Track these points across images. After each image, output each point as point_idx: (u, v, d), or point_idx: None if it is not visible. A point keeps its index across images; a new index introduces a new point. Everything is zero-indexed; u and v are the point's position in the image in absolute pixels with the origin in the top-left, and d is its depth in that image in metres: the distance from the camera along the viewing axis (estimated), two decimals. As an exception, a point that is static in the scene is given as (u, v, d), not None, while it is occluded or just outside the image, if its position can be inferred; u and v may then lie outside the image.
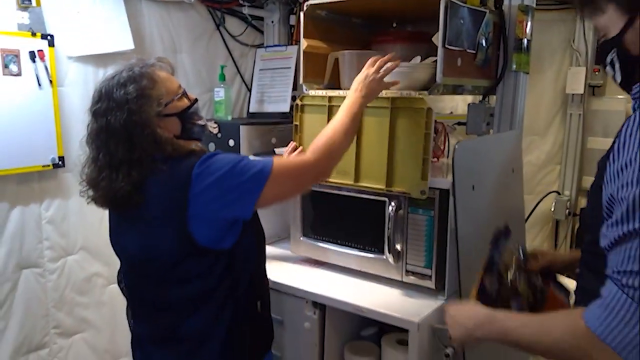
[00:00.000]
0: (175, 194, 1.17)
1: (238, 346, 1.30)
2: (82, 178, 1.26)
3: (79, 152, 1.82)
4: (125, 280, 1.36)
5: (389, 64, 1.37)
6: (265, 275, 1.44)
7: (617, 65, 0.96)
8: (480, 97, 1.72)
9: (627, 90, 0.97)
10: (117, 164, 1.18)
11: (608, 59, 0.97)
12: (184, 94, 1.30)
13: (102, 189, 1.21)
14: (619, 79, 0.97)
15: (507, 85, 1.70)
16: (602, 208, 0.87)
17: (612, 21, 0.93)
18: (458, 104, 2.51)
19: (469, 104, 1.69)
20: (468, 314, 1.05)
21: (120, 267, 1.37)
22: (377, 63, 1.37)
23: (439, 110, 2.43)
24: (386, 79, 1.38)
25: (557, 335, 0.86)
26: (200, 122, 1.33)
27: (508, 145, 1.64)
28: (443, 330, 1.37)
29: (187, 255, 1.22)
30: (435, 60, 1.43)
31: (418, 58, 1.46)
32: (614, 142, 0.86)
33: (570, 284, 1.28)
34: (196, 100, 1.33)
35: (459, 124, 1.82)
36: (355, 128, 1.34)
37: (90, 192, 1.25)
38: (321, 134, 1.30)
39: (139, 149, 1.18)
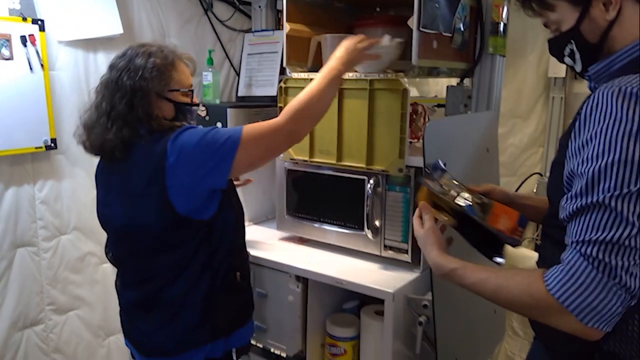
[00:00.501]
0: (153, 165, 1.25)
1: (216, 313, 1.37)
2: (80, 122, 1.37)
3: (70, 134, 1.91)
4: (112, 250, 1.44)
5: (372, 40, 1.43)
6: (245, 249, 1.51)
7: (577, 56, 1.00)
8: (459, 80, 1.77)
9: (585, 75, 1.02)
10: (114, 116, 1.30)
11: (566, 51, 1.01)
12: (191, 93, 1.41)
13: (94, 134, 1.31)
14: (579, 68, 1.01)
15: (483, 67, 1.76)
16: (562, 183, 0.93)
17: (564, 15, 0.98)
18: (443, 88, 2.55)
19: (447, 86, 1.75)
20: (429, 260, 1.06)
21: (107, 238, 1.44)
22: (362, 38, 1.42)
23: (423, 94, 2.49)
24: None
25: (516, 293, 0.90)
26: (192, 122, 1.42)
27: (482, 125, 1.70)
28: (417, 299, 1.45)
29: (169, 225, 1.29)
30: (403, 41, 1.49)
31: (387, 37, 1.47)
32: (574, 121, 0.91)
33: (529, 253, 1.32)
34: (197, 104, 1.44)
35: (439, 106, 1.88)
36: (332, 93, 1.37)
37: (83, 136, 1.36)
38: (296, 97, 1.33)
39: (136, 111, 1.29)
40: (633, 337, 0.90)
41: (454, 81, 1.84)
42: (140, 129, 1.31)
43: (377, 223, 1.59)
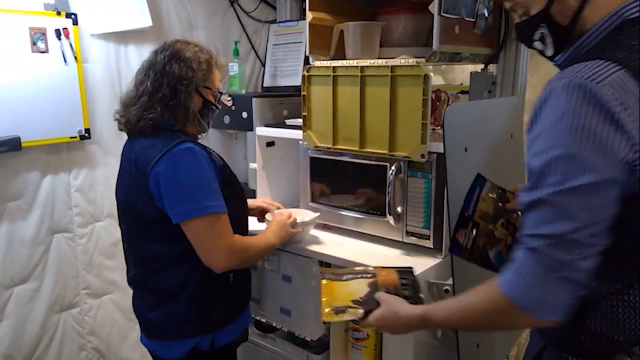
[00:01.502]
0: (145, 164, 1.33)
1: (205, 310, 1.42)
2: (120, 100, 1.45)
3: (103, 125, 1.98)
4: (121, 227, 1.52)
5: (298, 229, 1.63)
6: None
7: (548, 40, 0.97)
8: (482, 66, 1.76)
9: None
10: (157, 99, 1.37)
11: (536, 36, 0.98)
12: (219, 95, 1.50)
13: (132, 111, 1.38)
14: (550, 52, 0.98)
15: (508, 53, 1.74)
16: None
17: None
18: (468, 76, 2.53)
19: (470, 72, 1.74)
20: (400, 322, 1.08)
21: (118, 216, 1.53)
22: (291, 219, 1.61)
23: (449, 82, 2.47)
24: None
25: (480, 311, 0.92)
26: (209, 121, 1.52)
27: (506, 111, 1.69)
28: (438, 284, 1.45)
29: (155, 218, 1.35)
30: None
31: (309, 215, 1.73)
32: (530, 114, 0.89)
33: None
34: (219, 107, 1.53)
35: (463, 92, 1.87)
36: (265, 255, 1.61)
37: (120, 112, 1.43)
38: (250, 245, 1.44)
39: (177, 99, 1.38)
40: (617, 318, 0.89)
41: (478, 68, 1.83)
42: (172, 118, 1.38)
43: (399, 209, 1.60)
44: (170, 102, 1.37)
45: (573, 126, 0.80)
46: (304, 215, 1.73)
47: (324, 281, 1.29)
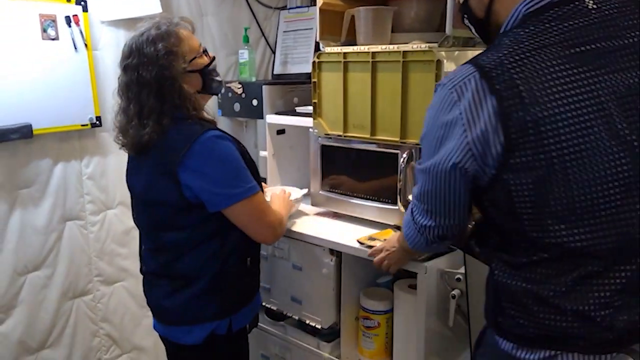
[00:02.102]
0: (173, 156, 1.29)
1: (223, 294, 1.42)
2: (115, 126, 1.39)
3: (114, 112, 1.98)
4: (135, 217, 1.50)
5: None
6: None
7: (473, 30, 1.05)
8: (497, 51, 1.72)
9: None
10: (147, 114, 1.30)
11: (466, 22, 1.06)
12: (204, 52, 1.40)
13: (130, 136, 1.33)
14: (481, 40, 1.07)
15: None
16: None
17: None
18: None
19: (484, 58, 1.70)
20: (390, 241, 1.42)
21: (132, 203, 1.51)
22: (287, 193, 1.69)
23: (461, 69, 2.43)
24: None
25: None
26: (218, 78, 1.45)
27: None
28: (450, 273, 1.44)
29: (181, 206, 1.33)
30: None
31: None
32: None
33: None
34: (214, 57, 1.43)
35: (476, 78, 1.84)
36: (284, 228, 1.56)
37: (121, 139, 1.39)
38: (282, 215, 1.52)
39: (169, 101, 1.30)
40: (519, 299, 0.91)
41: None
42: (178, 113, 1.33)
43: (410, 197, 1.58)
44: (163, 107, 1.30)
45: (428, 122, 0.97)
46: (293, 192, 1.78)
47: None
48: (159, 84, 1.29)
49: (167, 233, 1.39)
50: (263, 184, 1.79)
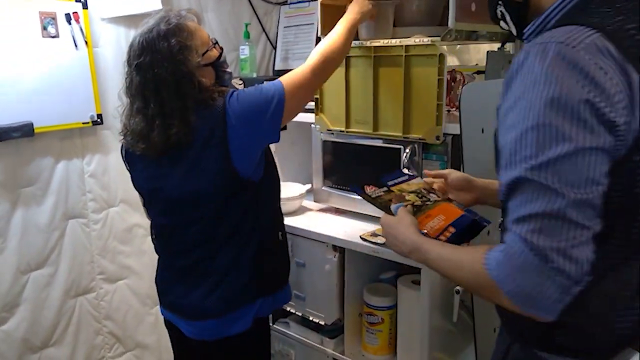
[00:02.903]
0: (215, 129, 1.26)
1: (263, 272, 1.39)
2: (126, 130, 1.34)
3: (115, 110, 1.97)
4: (162, 221, 1.45)
5: None
6: (280, 207, 1.53)
7: (507, 18, 0.92)
8: (499, 45, 1.71)
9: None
10: (170, 112, 1.25)
11: (498, 14, 0.93)
12: (215, 44, 1.38)
13: (155, 137, 1.27)
14: (514, 31, 0.93)
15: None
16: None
17: None
18: (484, 56, 2.48)
19: (487, 52, 1.69)
20: (402, 237, 1.01)
21: (149, 211, 1.48)
22: None
23: (464, 62, 2.42)
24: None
25: (465, 273, 0.84)
26: (229, 70, 1.43)
27: (524, 90, 1.64)
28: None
29: (229, 190, 1.31)
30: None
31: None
32: (503, 86, 0.83)
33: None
34: (222, 49, 1.41)
35: (478, 73, 1.83)
36: (350, 39, 1.46)
37: (141, 145, 1.30)
38: (321, 43, 1.42)
39: (190, 97, 1.26)
40: (592, 309, 0.83)
41: (495, 47, 1.78)
42: (197, 106, 1.28)
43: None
44: (186, 104, 1.26)
45: (546, 92, 0.73)
46: (294, 188, 1.77)
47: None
48: (177, 80, 1.25)
49: (210, 225, 1.35)
50: None
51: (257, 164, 1.34)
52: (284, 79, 1.34)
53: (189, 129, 1.26)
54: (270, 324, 1.56)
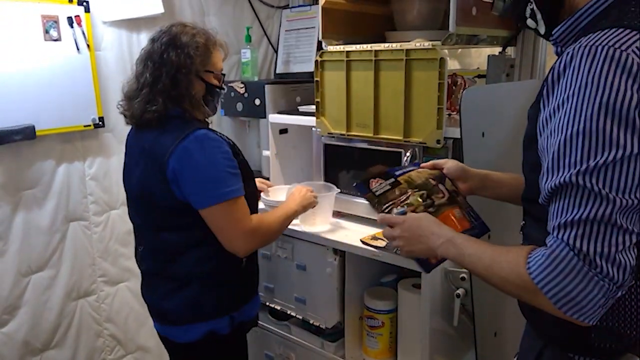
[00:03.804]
0: (162, 154, 1.30)
1: (220, 292, 1.42)
2: (122, 92, 1.42)
3: (117, 113, 1.98)
4: (131, 217, 1.51)
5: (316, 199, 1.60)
6: None
7: (539, 16, 0.91)
8: (500, 49, 1.72)
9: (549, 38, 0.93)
10: (158, 90, 1.34)
11: (527, 12, 0.92)
12: (222, 77, 1.46)
13: (135, 104, 1.35)
14: (543, 29, 0.92)
15: (527, 35, 1.69)
16: (538, 160, 0.84)
17: None
18: (485, 60, 2.48)
19: (488, 55, 1.70)
20: (431, 229, 1.01)
21: (127, 203, 1.52)
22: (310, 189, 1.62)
23: (465, 66, 2.42)
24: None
25: (504, 274, 0.83)
26: (216, 105, 1.49)
27: (524, 94, 1.64)
28: (454, 272, 1.43)
29: (173, 206, 1.34)
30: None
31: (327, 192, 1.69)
32: (542, 88, 0.83)
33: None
34: (224, 87, 1.49)
35: (479, 77, 1.83)
36: (285, 227, 1.50)
37: (125, 106, 1.41)
38: (269, 222, 1.42)
39: (179, 88, 1.34)
40: (628, 312, 0.84)
41: (496, 51, 1.78)
42: (177, 106, 1.35)
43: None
44: (171, 92, 1.34)
45: (596, 97, 0.72)
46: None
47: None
48: (178, 68, 1.33)
49: (163, 233, 1.40)
50: (267, 182, 1.79)
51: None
52: (236, 203, 1.32)
53: (161, 116, 1.33)
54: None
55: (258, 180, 1.76)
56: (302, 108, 1.98)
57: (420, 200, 1.19)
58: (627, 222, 0.73)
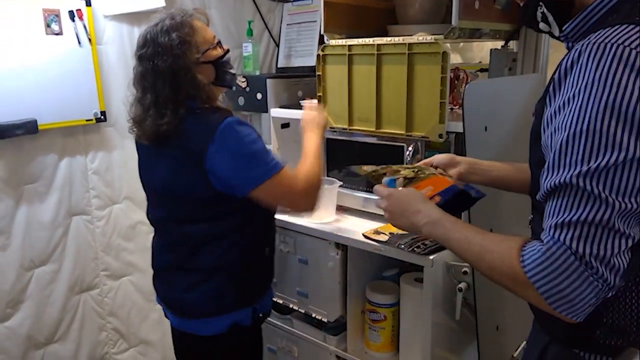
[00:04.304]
0: (197, 145, 1.28)
1: (243, 283, 1.42)
2: (130, 117, 1.39)
3: (119, 107, 1.98)
4: (150, 211, 1.49)
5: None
6: (274, 223, 1.55)
7: (550, 18, 0.89)
8: (503, 43, 1.71)
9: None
10: (163, 103, 1.30)
11: (539, 16, 0.90)
12: (218, 44, 1.41)
13: (147, 125, 1.33)
14: (557, 32, 0.91)
15: (529, 29, 1.68)
16: (542, 156, 0.83)
17: None
18: (487, 54, 2.47)
19: (491, 49, 1.69)
20: (416, 207, 1.01)
21: (147, 199, 1.50)
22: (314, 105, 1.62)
23: (467, 60, 2.41)
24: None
25: (497, 260, 0.83)
26: (232, 71, 1.45)
27: (527, 88, 1.64)
28: (457, 266, 1.43)
29: (207, 197, 1.33)
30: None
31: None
32: (549, 84, 0.81)
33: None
34: (228, 50, 1.44)
35: (482, 70, 1.83)
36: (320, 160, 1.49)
37: (136, 130, 1.38)
38: (308, 168, 1.42)
39: (183, 90, 1.31)
40: (632, 309, 0.84)
41: (498, 45, 1.78)
42: (192, 103, 1.33)
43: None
44: (178, 97, 1.30)
45: (602, 96, 0.70)
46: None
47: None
48: (174, 73, 1.30)
49: (188, 226, 1.38)
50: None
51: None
52: (286, 172, 1.33)
53: (178, 121, 1.30)
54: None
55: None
56: (303, 102, 1.97)
57: (412, 172, 1.22)
58: (625, 226, 0.73)
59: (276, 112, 1.97)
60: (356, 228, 1.64)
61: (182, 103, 1.31)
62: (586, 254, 0.72)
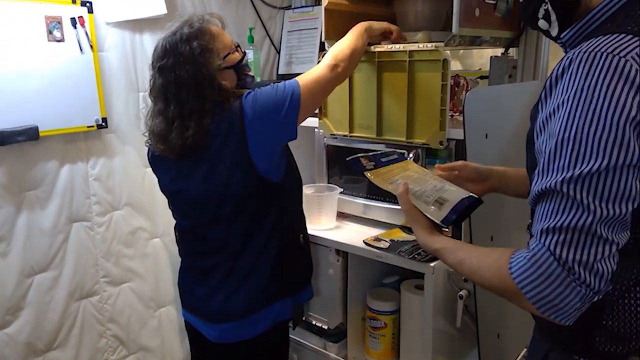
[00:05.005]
0: (233, 126, 1.28)
1: (283, 275, 1.41)
2: (149, 131, 1.37)
3: (120, 114, 1.98)
4: (184, 223, 1.47)
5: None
6: (303, 211, 1.56)
7: (553, 17, 0.88)
8: (503, 50, 1.71)
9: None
10: (188, 114, 1.28)
11: (540, 13, 0.90)
12: (237, 47, 1.40)
13: (172, 139, 1.30)
14: (555, 31, 0.90)
15: (530, 36, 1.69)
16: (534, 161, 0.84)
17: None
18: (487, 60, 2.47)
19: (491, 57, 1.70)
20: (421, 238, 1.05)
21: (173, 213, 1.49)
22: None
23: (467, 67, 2.42)
24: None
25: (487, 276, 0.85)
26: (250, 73, 1.45)
27: (527, 96, 1.64)
28: (457, 273, 1.43)
29: (248, 188, 1.32)
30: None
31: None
32: (542, 91, 0.82)
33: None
34: (245, 52, 1.43)
35: (482, 77, 1.83)
36: (363, 41, 1.49)
37: (160, 145, 1.34)
38: (337, 47, 1.44)
39: (209, 99, 1.29)
40: (632, 314, 0.84)
41: (498, 52, 1.78)
42: (216, 107, 1.31)
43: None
44: (204, 106, 1.28)
45: (590, 104, 0.71)
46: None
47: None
48: (197, 82, 1.28)
49: (230, 226, 1.37)
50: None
51: (277, 164, 1.36)
52: (300, 76, 1.36)
53: (204, 132, 1.29)
54: (291, 328, 1.58)
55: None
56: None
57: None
58: (609, 232, 0.73)
59: (277, 118, 1.97)
60: (357, 235, 1.64)
61: (208, 112, 1.29)
62: (569, 259, 0.73)
